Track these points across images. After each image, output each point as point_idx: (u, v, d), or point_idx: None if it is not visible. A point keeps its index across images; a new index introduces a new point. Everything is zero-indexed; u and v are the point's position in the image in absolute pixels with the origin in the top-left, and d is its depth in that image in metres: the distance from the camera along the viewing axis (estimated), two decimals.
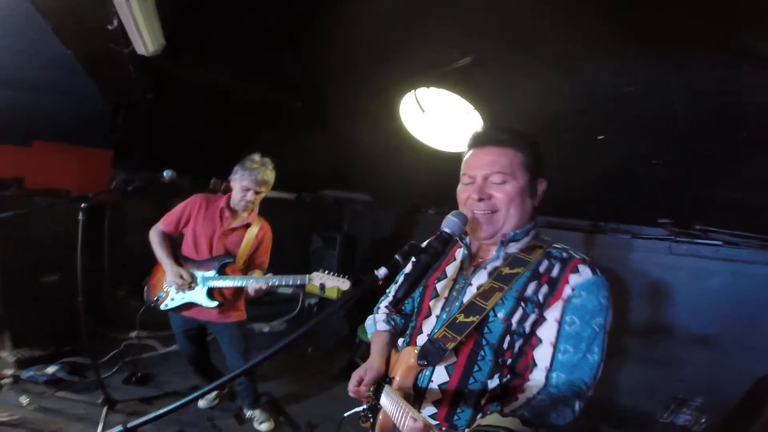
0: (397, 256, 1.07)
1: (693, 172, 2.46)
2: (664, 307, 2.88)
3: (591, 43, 2.11)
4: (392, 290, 1.48)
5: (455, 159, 1.27)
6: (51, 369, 3.07)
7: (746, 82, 1.89)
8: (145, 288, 2.72)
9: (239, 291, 2.58)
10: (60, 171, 4.02)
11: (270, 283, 2.39)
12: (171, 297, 2.55)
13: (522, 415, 0.91)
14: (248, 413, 2.85)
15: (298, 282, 2.36)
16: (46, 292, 3.39)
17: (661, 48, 1.90)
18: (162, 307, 2.58)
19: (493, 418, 0.92)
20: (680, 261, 2.85)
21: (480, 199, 1.15)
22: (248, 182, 2.46)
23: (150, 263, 3.38)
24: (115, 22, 2.33)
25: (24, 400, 2.70)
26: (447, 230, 1.11)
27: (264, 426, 2.78)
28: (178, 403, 1.03)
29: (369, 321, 1.47)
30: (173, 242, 2.63)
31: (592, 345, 1.03)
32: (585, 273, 1.07)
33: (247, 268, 2.61)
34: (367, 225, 4.98)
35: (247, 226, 2.58)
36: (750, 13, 1.59)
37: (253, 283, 2.38)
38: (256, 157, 2.54)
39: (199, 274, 2.51)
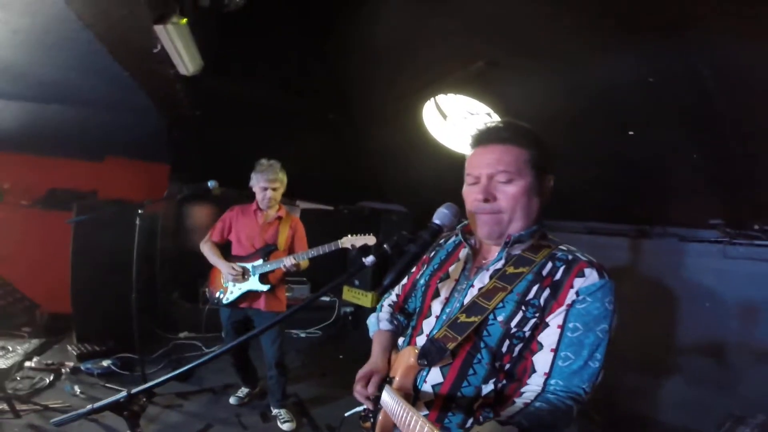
0: (385, 246, 1.08)
1: (742, 164, 2.21)
2: (719, 316, 2.56)
3: (608, 34, 2.01)
4: (398, 290, 1.45)
5: None
6: (105, 363, 3.35)
7: None
8: (206, 291, 3.14)
9: (282, 279, 2.98)
10: (128, 184, 4.47)
11: (307, 256, 2.79)
12: (230, 291, 2.93)
13: (520, 423, 0.87)
14: (274, 411, 2.96)
15: (332, 248, 2.78)
16: (110, 292, 3.71)
17: (681, 31, 1.76)
18: (224, 301, 2.94)
19: (490, 426, 0.87)
20: (737, 265, 2.53)
21: (485, 200, 1.10)
22: (263, 182, 2.86)
23: (199, 266, 3.62)
24: (159, 46, 2.59)
25: (77, 389, 2.98)
26: (437, 222, 1.11)
27: (286, 426, 2.86)
28: (176, 372, 1.09)
29: (372, 319, 1.44)
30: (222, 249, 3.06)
31: (594, 352, 0.98)
32: (591, 277, 1.01)
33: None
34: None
35: (279, 218, 3.00)
36: None
37: (292, 258, 2.76)
38: (264, 160, 2.92)
39: (249, 265, 2.90)
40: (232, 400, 3.10)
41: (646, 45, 1.93)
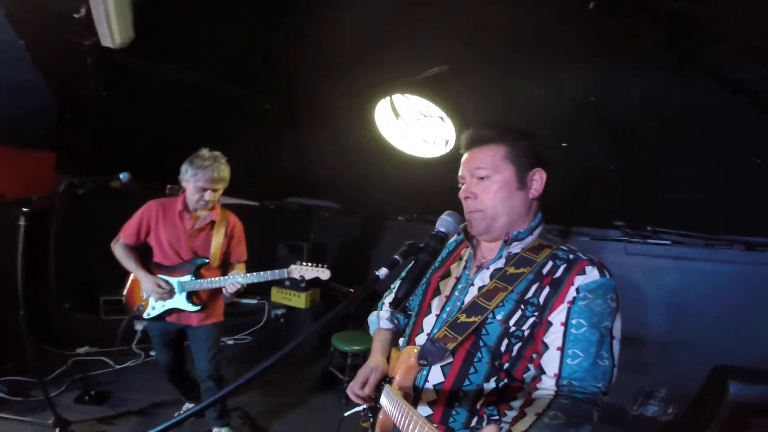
0: (396, 256, 1.07)
1: (645, 176, 2.67)
2: (624, 304, 3.05)
3: (561, 54, 2.25)
4: (396, 285, 1.44)
5: (427, 164, 1.29)
6: None
7: (694, 91, 2.09)
8: (123, 300, 2.62)
9: (217, 292, 2.53)
10: None
11: (249, 281, 2.38)
12: (151, 306, 2.48)
13: None
14: (215, 431, 2.67)
15: (277, 276, 2.37)
16: None
17: (624, 59, 2.07)
18: (144, 316, 2.50)
19: None
20: (636, 260, 3.05)
21: (466, 198, 1.17)
22: (203, 182, 2.32)
23: (98, 271, 3.23)
24: (83, 11, 2.18)
25: None
26: (442, 230, 1.12)
27: None
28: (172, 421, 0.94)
29: (372, 317, 1.45)
30: (140, 251, 2.52)
31: (601, 350, 0.99)
32: (592, 274, 1.04)
33: (224, 265, 2.57)
34: (335, 233, 4.93)
35: (212, 224, 2.49)
36: (706, 31, 1.78)
37: (232, 284, 2.36)
38: (205, 152, 2.39)
39: (175, 280, 2.44)
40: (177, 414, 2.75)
41: (594, 67, 2.21)
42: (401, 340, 1.33)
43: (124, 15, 2.17)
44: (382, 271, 1.04)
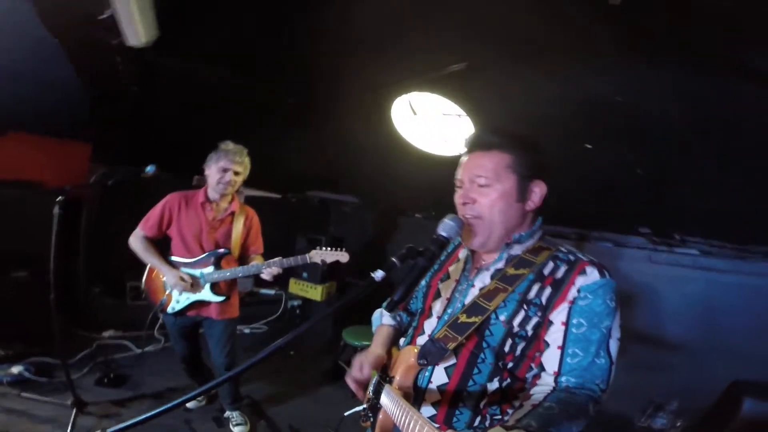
0: (393, 259, 1.08)
1: (674, 182, 2.54)
2: (643, 313, 2.94)
3: (585, 51, 2.15)
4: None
5: (444, 163, 1.27)
6: (16, 369, 2.93)
7: (731, 94, 1.96)
8: (143, 292, 2.68)
9: (234, 284, 2.61)
10: (34, 163, 3.87)
11: (284, 265, 2.40)
12: (175, 300, 2.51)
13: (528, 425, 0.83)
14: (226, 413, 2.79)
15: (299, 262, 2.40)
16: (13, 288, 3.28)
17: (655, 58, 1.95)
18: (168, 310, 2.53)
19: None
20: (659, 269, 2.92)
21: (464, 203, 1.16)
22: (225, 162, 2.42)
23: (126, 258, 3.25)
24: (108, 12, 2.27)
25: None
26: (444, 234, 1.12)
27: (238, 429, 2.72)
28: (162, 408, 1.00)
29: (376, 314, 1.46)
30: (157, 245, 2.57)
31: (600, 349, 1.00)
32: (592, 275, 1.04)
33: (242, 258, 2.62)
34: (353, 227, 4.95)
35: (232, 215, 2.57)
36: (743, 28, 1.66)
37: (273, 268, 2.36)
38: (229, 142, 2.51)
39: (197, 272, 2.48)
40: (190, 405, 2.87)
41: (621, 67, 2.10)
42: (402, 341, 1.34)
43: (146, 15, 2.25)
44: (378, 274, 1.06)
